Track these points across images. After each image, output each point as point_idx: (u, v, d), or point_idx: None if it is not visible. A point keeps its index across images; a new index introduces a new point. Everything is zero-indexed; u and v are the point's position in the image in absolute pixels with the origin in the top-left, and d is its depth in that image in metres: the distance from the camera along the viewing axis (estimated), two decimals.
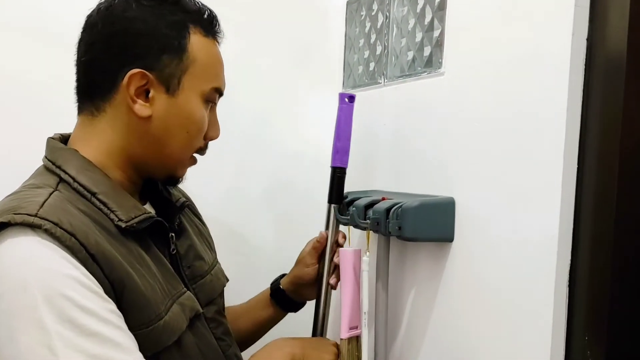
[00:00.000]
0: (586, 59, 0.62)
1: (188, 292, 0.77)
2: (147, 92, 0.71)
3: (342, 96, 0.96)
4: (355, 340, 0.92)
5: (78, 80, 0.74)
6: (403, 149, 0.96)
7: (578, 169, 0.63)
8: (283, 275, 1.04)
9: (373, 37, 1.08)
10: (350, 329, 0.91)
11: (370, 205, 0.88)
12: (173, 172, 0.78)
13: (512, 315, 0.69)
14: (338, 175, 0.96)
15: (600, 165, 0.61)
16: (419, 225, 0.78)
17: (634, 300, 0.61)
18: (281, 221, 1.27)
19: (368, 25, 1.10)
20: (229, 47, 1.20)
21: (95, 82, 0.72)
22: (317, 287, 0.98)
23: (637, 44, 0.59)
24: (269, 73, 1.22)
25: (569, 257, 0.63)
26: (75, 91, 0.75)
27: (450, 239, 0.80)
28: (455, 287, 0.80)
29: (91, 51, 0.72)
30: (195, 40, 0.74)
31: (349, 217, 0.92)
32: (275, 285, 1.03)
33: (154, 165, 0.76)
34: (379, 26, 1.05)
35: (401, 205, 0.79)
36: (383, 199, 0.88)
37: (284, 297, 1.01)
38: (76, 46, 0.74)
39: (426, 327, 0.86)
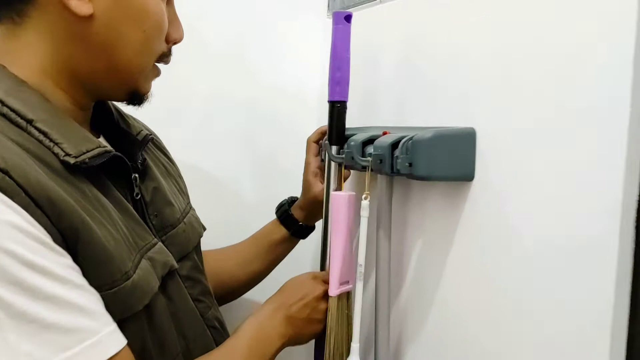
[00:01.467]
0: None
1: (159, 243, 0.63)
2: None
3: (337, 15, 0.79)
4: (346, 296, 0.80)
5: None
6: (408, 77, 0.81)
7: None
8: (284, 204, 0.95)
9: None
10: (341, 284, 0.79)
11: (370, 141, 0.74)
12: (135, 87, 0.62)
13: (554, 272, 0.56)
14: (338, 110, 0.81)
15: None
16: (433, 161, 0.65)
17: None
18: (261, 160, 1.12)
19: None
20: None
21: None
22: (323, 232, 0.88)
23: None
24: None
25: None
26: None
27: (470, 177, 0.67)
28: (475, 236, 0.67)
29: None
30: None
31: (343, 156, 0.79)
32: (284, 212, 0.94)
33: (107, 81, 0.60)
34: None
35: (412, 137, 0.65)
36: (384, 133, 0.74)
37: (295, 224, 0.94)
38: None
39: (437, 285, 0.73)
